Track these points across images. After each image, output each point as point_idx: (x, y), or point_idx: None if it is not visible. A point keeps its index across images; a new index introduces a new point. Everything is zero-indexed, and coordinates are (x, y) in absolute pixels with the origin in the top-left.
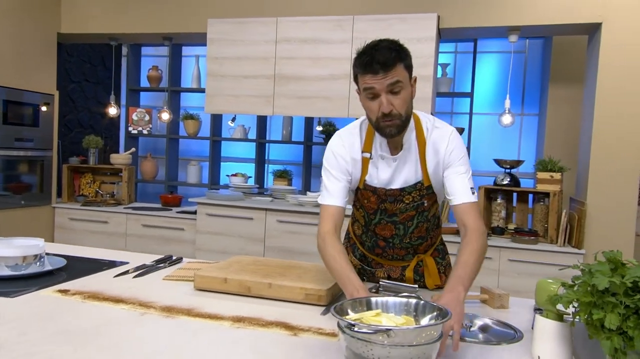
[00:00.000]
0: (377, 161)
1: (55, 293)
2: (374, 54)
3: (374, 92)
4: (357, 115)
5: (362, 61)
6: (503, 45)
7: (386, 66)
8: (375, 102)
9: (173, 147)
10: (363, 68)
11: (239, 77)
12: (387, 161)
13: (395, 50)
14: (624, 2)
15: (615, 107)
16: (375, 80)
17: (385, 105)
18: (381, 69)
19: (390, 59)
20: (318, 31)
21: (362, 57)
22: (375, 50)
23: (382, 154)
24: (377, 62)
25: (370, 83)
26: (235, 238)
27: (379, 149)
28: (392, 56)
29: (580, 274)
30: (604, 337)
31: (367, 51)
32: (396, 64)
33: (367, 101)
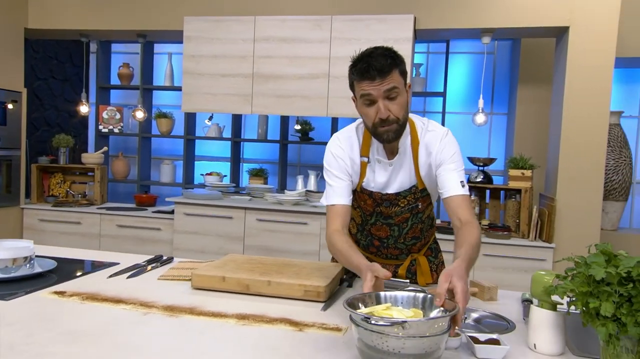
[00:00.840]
0: (374, 165)
1: (52, 295)
2: (370, 61)
3: (371, 99)
4: (336, 114)
5: (359, 68)
6: (473, 46)
7: (382, 72)
8: (372, 108)
9: (145, 146)
10: (360, 75)
11: (217, 75)
12: (383, 165)
13: (390, 57)
14: (591, 7)
15: (582, 108)
16: (372, 86)
17: (382, 111)
18: (378, 76)
19: (386, 65)
20: (296, 30)
21: (359, 64)
22: (371, 57)
23: (379, 158)
24: (373, 69)
25: (367, 89)
26: (214, 237)
27: (375, 153)
28: (388, 63)
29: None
30: (599, 324)
31: (363, 58)
32: (392, 70)
33: (364, 108)
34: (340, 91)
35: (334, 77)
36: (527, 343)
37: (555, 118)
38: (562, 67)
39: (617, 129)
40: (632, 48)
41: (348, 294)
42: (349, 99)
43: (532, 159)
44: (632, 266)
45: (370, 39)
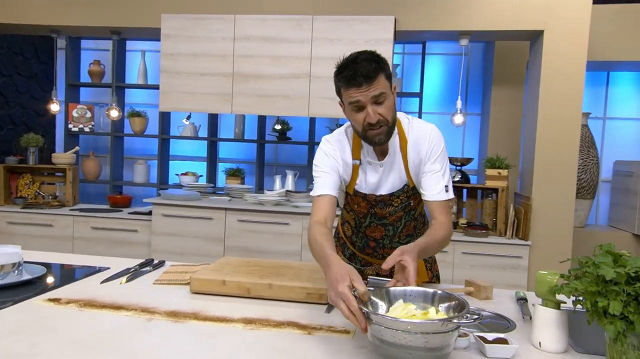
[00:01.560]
0: (365, 167)
1: (46, 302)
2: (355, 68)
3: (360, 105)
4: (317, 114)
5: (345, 75)
6: (447, 47)
7: (369, 78)
8: (361, 114)
9: (118, 146)
10: (346, 82)
11: (196, 74)
12: (374, 167)
13: (375, 61)
14: (564, 12)
15: (556, 110)
16: (360, 93)
17: (372, 116)
18: (364, 82)
19: (371, 70)
20: (278, 30)
21: (344, 71)
22: (356, 63)
23: (369, 160)
24: (360, 76)
25: (355, 96)
26: (193, 239)
27: (366, 155)
28: (373, 68)
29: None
30: (607, 322)
31: (348, 65)
32: (378, 75)
33: (353, 113)
34: (321, 91)
35: (315, 77)
36: (532, 341)
37: (530, 119)
38: (536, 70)
39: (584, 129)
40: (597, 52)
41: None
42: (330, 99)
43: (507, 158)
44: (639, 266)
45: (351, 40)
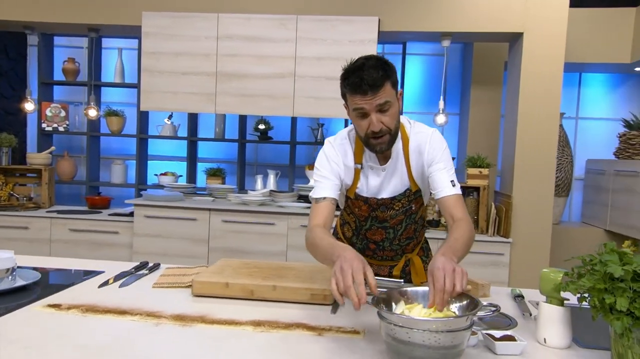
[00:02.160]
0: (367, 171)
1: (47, 309)
2: (362, 75)
3: (364, 112)
4: (302, 114)
5: (351, 82)
6: (426, 48)
7: (375, 87)
8: (365, 120)
9: (94, 146)
10: (352, 89)
11: (178, 73)
12: (376, 171)
13: (382, 69)
14: (543, 15)
15: (535, 110)
16: (365, 101)
17: (375, 124)
18: (370, 90)
19: (378, 79)
20: (261, 29)
21: (350, 77)
22: (362, 70)
23: (371, 164)
24: (366, 84)
25: (360, 104)
26: (177, 240)
27: (368, 159)
28: (380, 76)
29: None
30: (614, 318)
31: (355, 71)
32: (384, 83)
33: (357, 119)
34: (306, 90)
35: (299, 76)
36: (536, 337)
37: (509, 119)
38: (516, 71)
39: (559, 129)
40: (570, 53)
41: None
42: (314, 99)
43: (487, 157)
44: None
45: (336, 40)
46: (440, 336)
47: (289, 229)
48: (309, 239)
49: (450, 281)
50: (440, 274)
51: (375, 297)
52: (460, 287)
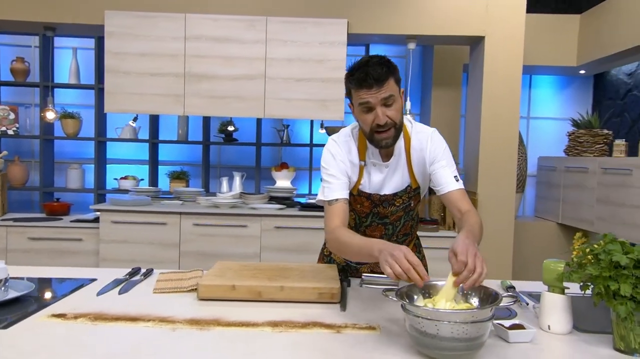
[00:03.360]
0: (370, 168)
1: (52, 318)
2: (367, 70)
3: (369, 106)
4: (273, 116)
5: (356, 77)
6: (388, 50)
7: (379, 81)
8: (370, 114)
9: (48, 150)
10: (358, 83)
11: (144, 74)
12: (379, 168)
13: (385, 65)
14: (502, 19)
15: (497, 110)
16: (370, 94)
17: (380, 117)
18: (375, 84)
19: (382, 74)
20: (230, 30)
21: (356, 73)
22: (367, 66)
23: (374, 161)
24: (371, 78)
25: (365, 97)
26: (146, 245)
27: (371, 156)
28: (384, 71)
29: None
30: (618, 303)
31: (360, 67)
32: (388, 78)
33: (362, 114)
34: (277, 92)
35: (270, 78)
36: (540, 325)
37: (472, 119)
38: (478, 73)
39: None
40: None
41: (353, 293)
42: (285, 100)
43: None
44: None
45: (306, 42)
46: (467, 327)
47: (262, 231)
48: (333, 240)
49: (472, 260)
50: (463, 252)
51: (398, 290)
52: (481, 268)
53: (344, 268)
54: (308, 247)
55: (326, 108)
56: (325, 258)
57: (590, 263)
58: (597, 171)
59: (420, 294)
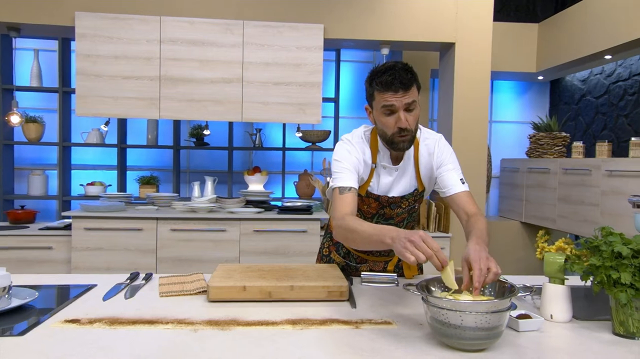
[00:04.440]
0: (380, 171)
1: (66, 324)
2: (395, 74)
3: (393, 109)
4: (251, 119)
5: (384, 80)
6: (357, 55)
7: (406, 86)
8: (391, 117)
9: (7, 155)
10: (385, 86)
11: (118, 77)
12: (389, 171)
13: (410, 72)
14: (471, 26)
15: (468, 114)
16: (396, 98)
17: (403, 121)
18: (401, 88)
19: (408, 80)
20: (206, 33)
21: (383, 76)
22: (394, 70)
23: (384, 164)
24: (398, 82)
25: (391, 100)
26: (121, 252)
27: (382, 159)
28: (409, 77)
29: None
30: (618, 291)
31: (387, 71)
32: (412, 84)
33: (384, 117)
34: (254, 95)
35: (247, 82)
36: (542, 314)
37: (443, 123)
38: (448, 78)
39: None
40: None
41: (357, 291)
42: (263, 104)
43: None
44: None
45: (282, 46)
46: (489, 317)
47: (241, 234)
48: (342, 227)
49: (485, 265)
50: (476, 259)
51: (417, 284)
52: (496, 268)
53: (344, 268)
54: (287, 251)
55: (304, 112)
56: (325, 258)
57: (590, 255)
58: (558, 172)
59: (437, 287)
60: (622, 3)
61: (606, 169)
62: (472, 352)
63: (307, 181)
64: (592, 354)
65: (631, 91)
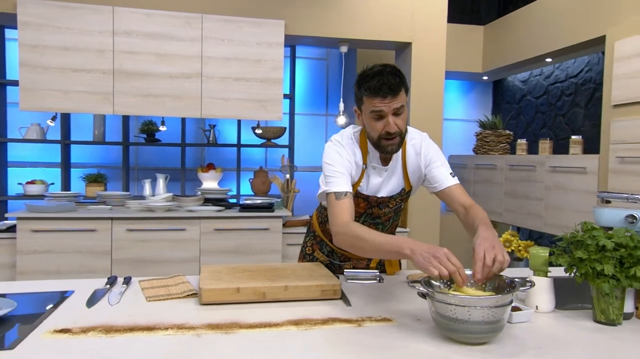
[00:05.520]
0: (369, 171)
1: (57, 334)
2: (383, 80)
3: (382, 114)
4: (211, 115)
5: (372, 85)
6: (309, 52)
7: (394, 92)
8: (380, 122)
9: None
10: (373, 92)
11: (67, 70)
12: (378, 171)
13: (398, 76)
14: (427, 27)
15: (424, 112)
16: (384, 103)
17: (392, 126)
18: (389, 94)
19: (396, 84)
20: (164, 26)
21: (371, 81)
22: (383, 75)
23: (374, 165)
24: (386, 87)
25: (379, 106)
26: (73, 255)
27: (371, 160)
28: (397, 82)
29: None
30: (601, 281)
31: (375, 76)
32: (400, 89)
33: (372, 121)
34: (214, 91)
35: (207, 77)
36: (528, 306)
37: None
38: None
39: None
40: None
41: (344, 289)
42: (223, 100)
43: None
44: (623, 237)
45: (243, 41)
46: (496, 311)
47: (201, 233)
48: (347, 234)
49: (490, 257)
50: (480, 251)
51: (422, 280)
52: (502, 256)
53: (328, 266)
54: (249, 249)
55: (265, 109)
56: (308, 257)
57: (576, 247)
58: (505, 168)
59: (440, 282)
60: (563, 10)
61: (550, 165)
62: (477, 345)
63: (262, 178)
64: (584, 341)
65: (568, 92)
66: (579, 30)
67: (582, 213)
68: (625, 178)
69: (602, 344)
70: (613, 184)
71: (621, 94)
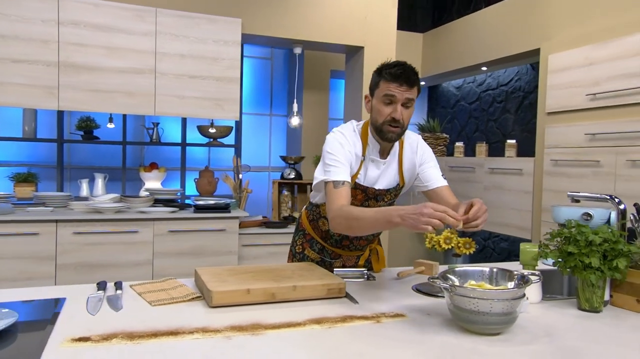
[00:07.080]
0: (368, 163)
1: (76, 343)
2: (405, 69)
3: (393, 100)
4: (165, 113)
5: (393, 72)
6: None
7: (411, 83)
8: (389, 107)
9: None
10: (392, 77)
11: (5, 60)
12: (376, 164)
13: (415, 74)
14: (380, 31)
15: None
16: (399, 90)
17: (398, 113)
18: (406, 83)
19: (414, 79)
20: (114, 18)
21: (394, 68)
22: (405, 67)
23: (373, 157)
24: (406, 76)
25: (393, 91)
26: (13, 260)
27: (370, 152)
28: (415, 77)
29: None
30: (588, 274)
31: (397, 65)
32: (416, 84)
33: (382, 105)
34: (169, 88)
35: (161, 73)
36: None
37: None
38: (357, 80)
39: None
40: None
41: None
42: (178, 98)
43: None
44: (606, 233)
45: (199, 38)
46: (513, 303)
47: (155, 235)
48: (342, 216)
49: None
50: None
51: (440, 274)
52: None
53: (318, 264)
54: (205, 251)
55: (221, 108)
56: (298, 255)
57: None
58: (445, 169)
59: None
60: (500, 22)
61: (488, 167)
62: (493, 335)
63: (209, 178)
64: (580, 327)
65: (499, 99)
66: (515, 42)
67: (519, 211)
68: (559, 179)
69: (594, 328)
70: (548, 184)
71: (555, 102)
